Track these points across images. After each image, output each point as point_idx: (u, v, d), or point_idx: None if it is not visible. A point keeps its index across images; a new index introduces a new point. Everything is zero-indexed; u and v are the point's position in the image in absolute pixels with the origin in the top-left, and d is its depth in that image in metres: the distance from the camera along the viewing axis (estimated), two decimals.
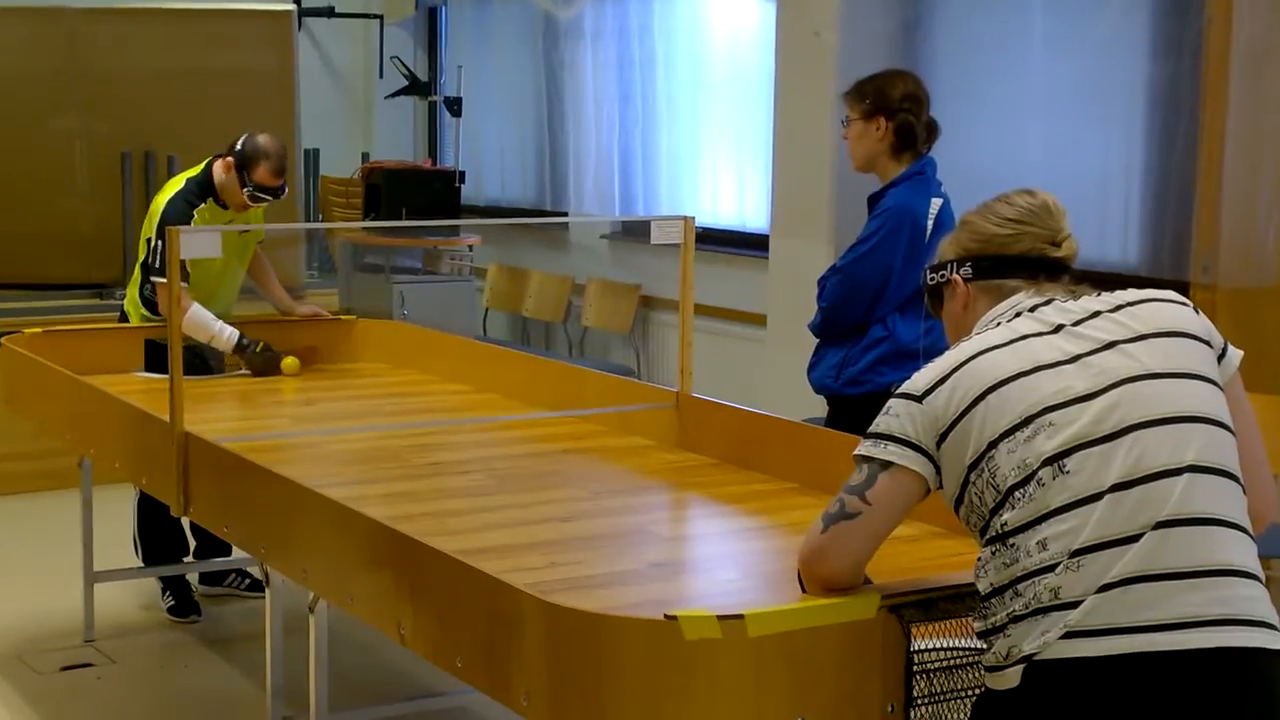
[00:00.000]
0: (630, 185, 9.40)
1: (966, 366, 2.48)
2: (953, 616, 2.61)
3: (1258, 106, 5.45)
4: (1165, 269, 6.13)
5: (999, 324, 2.56)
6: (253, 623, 5.65)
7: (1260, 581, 2.39)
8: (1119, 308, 2.51)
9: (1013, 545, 2.39)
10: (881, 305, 4.50)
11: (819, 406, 4.99)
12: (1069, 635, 2.31)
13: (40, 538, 6.64)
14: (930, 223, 4.47)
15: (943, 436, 2.47)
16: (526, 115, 10.29)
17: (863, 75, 4.66)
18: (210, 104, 8.08)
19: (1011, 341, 2.49)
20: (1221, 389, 2.48)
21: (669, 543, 3.62)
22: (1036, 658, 2.33)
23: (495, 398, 5.05)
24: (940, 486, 2.52)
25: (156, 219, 5.51)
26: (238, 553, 5.86)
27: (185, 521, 5.56)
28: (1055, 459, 2.37)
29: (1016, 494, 2.39)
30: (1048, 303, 2.55)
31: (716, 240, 8.25)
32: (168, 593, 5.80)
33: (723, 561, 3.46)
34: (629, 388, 4.78)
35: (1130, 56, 6.33)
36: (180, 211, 5.48)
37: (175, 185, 5.61)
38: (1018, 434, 2.40)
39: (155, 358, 5.28)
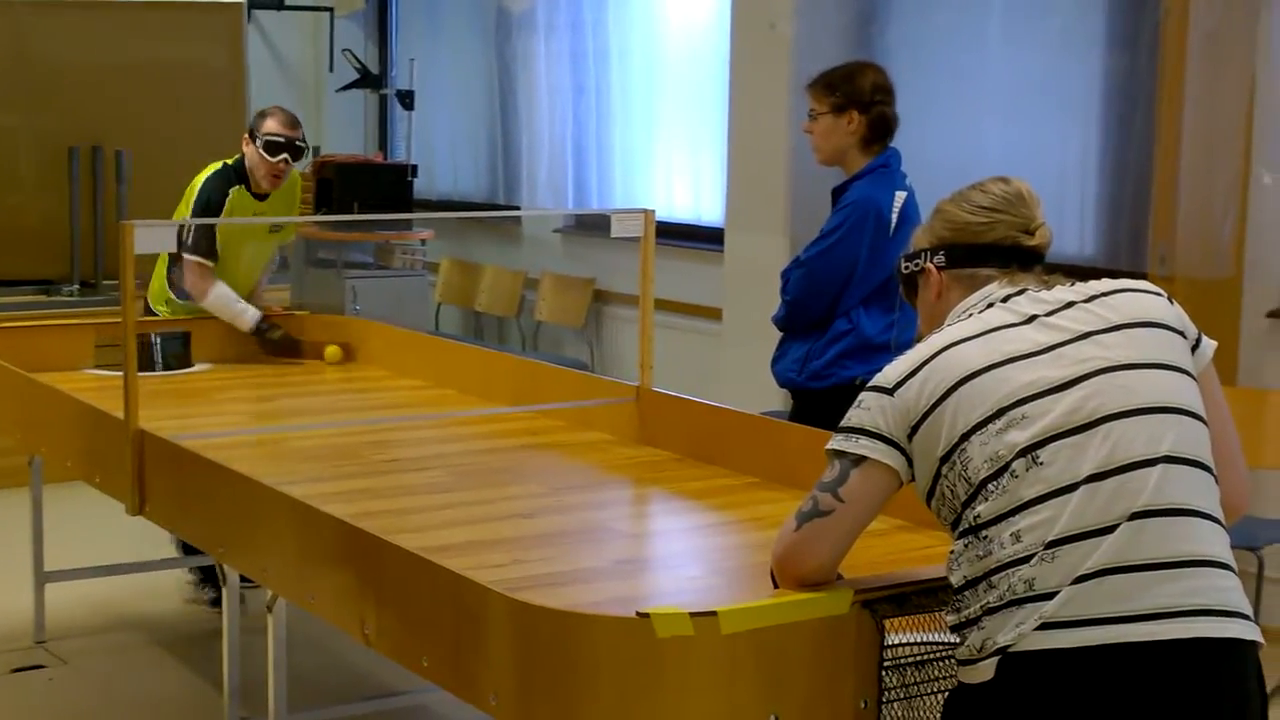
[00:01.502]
0: (584, 179, 9.36)
1: (937, 359, 2.46)
2: (926, 611, 2.59)
3: (1214, 99, 5.46)
4: (1122, 260, 6.14)
5: (970, 315, 2.54)
6: (206, 623, 5.59)
7: (1233, 572, 2.39)
8: (1093, 298, 2.49)
9: (986, 537, 2.37)
10: (846, 299, 4.48)
11: (776, 400, 4.98)
12: (1044, 626, 2.29)
13: None
14: (895, 215, 4.45)
15: (914, 429, 2.45)
16: (479, 108, 10.24)
17: (819, 68, 4.64)
18: (160, 98, 8.01)
19: (983, 333, 2.47)
20: (1195, 379, 2.47)
21: (632, 539, 3.59)
22: (1011, 649, 2.31)
23: (451, 393, 5.00)
24: (913, 479, 2.49)
25: (191, 198, 5.56)
26: None
27: None
28: (1028, 450, 2.35)
29: (989, 486, 2.37)
30: (1020, 293, 2.53)
31: (672, 234, 8.21)
32: (206, 585, 5.76)
33: (687, 558, 3.43)
34: (588, 382, 4.75)
35: (1087, 49, 6.34)
36: (216, 187, 5.54)
37: (213, 167, 5.64)
38: (989, 426, 2.39)
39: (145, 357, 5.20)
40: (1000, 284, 2.56)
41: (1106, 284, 2.53)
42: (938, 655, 2.62)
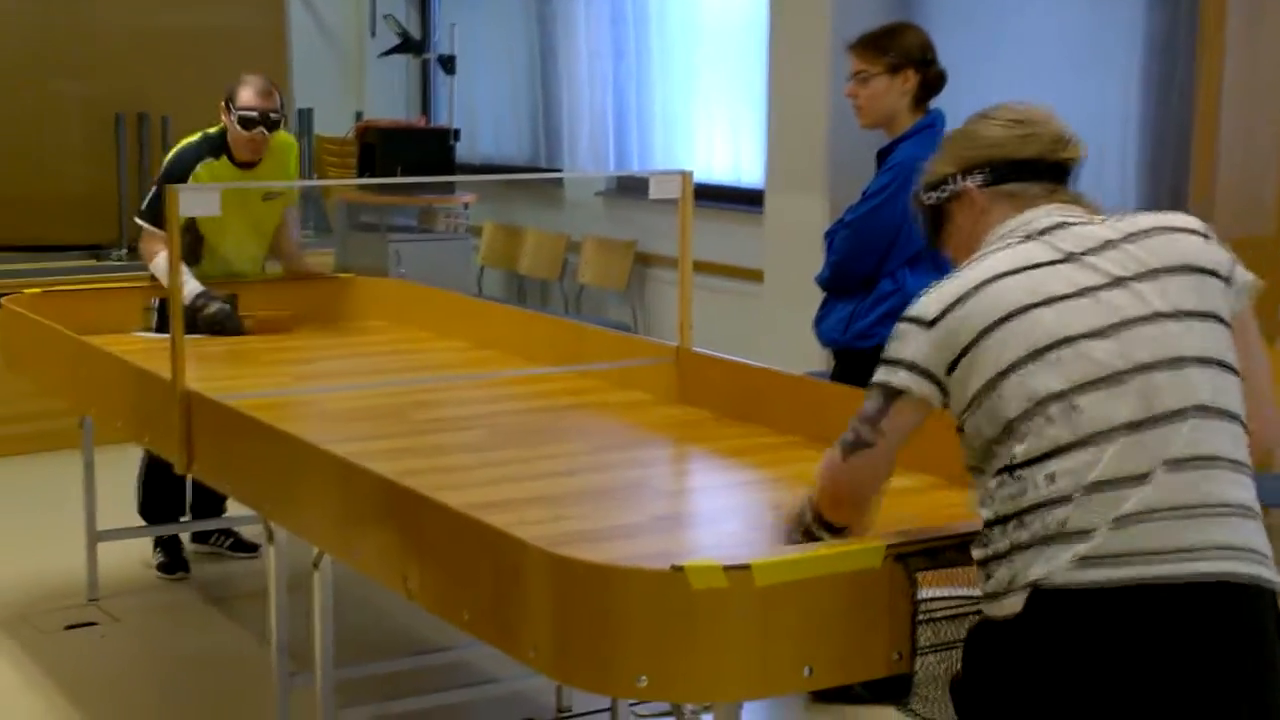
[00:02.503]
0: (625, 142, 9.38)
1: (978, 293, 2.47)
2: (958, 565, 2.62)
3: (1255, 54, 5.45)
4: None
5: (1009, 245, 2.53)
6: (254, 581, 5.67)
7: (1259, 521, 2.43)
8: (1131, 236, 2.49)
9: (1020, 477, 2.41)
10: (891, 259, 4.50)
11: (817, 360, 5.01)
12: (1078, 563, 2.34)
13: (42, 498, 6.65)
14: None
15: (953, 365, 2.48)
16: (520, 72, 10.26)
17: (859, 28, 4.65)
18: (203, 64, 8.07)
19: (1023, 269, 2.47)
20: (1229, 323, 2.48)
21: (672, 496, 3.63)
22: (1043, 584, 2.35)
23: (494, 354, 5.05)
24: (946, 407, 2.53)
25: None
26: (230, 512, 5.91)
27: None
28: (1065, 395, 2.38)
29: (1021, 427, 2.40)
30: (1060, 226, 2.52)
31: (712, 196, 8.24)
32: (159, 549, 5.82)
33: (726, 514, 3.47)
34: (628, 343, 4.79)
35: (1127, 5, 6.32)
36: (185, 161, 5.51)
37: (190, 139, 5.64)
38: (1027, 367, 2.41)
39: (161, 317, 5.28)
40: (1042, 209, 2.56)
41: (1146, 220, 2.53)
42: (971, 609, 2.65)
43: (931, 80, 4.52)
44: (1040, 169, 2.60)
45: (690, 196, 4.38)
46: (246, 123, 5.44)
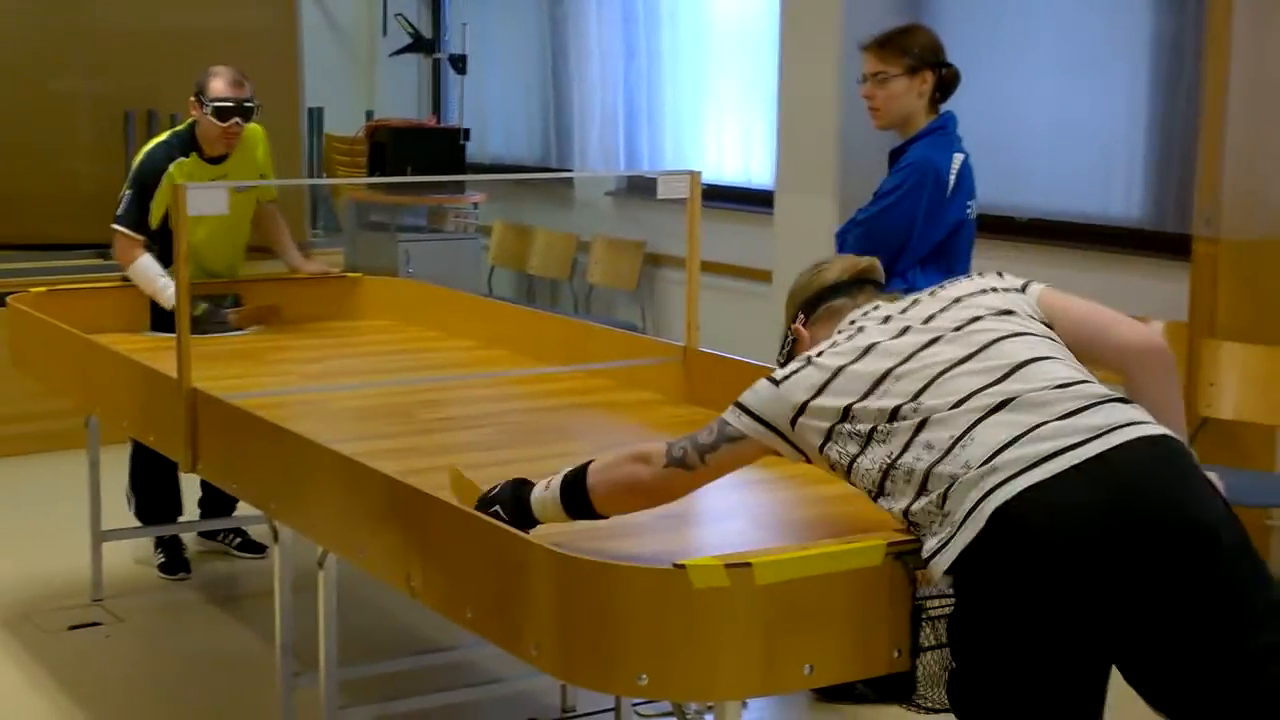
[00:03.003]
0: (635, 142, 9.39)
1: (814, 361, 2.80)
2: None
3: (1261, 57, 5.44)
4: (1168, 222, 6.13)
5: (843, 335, 2.85)
6: (258, 581, 5.68)
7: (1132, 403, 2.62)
8: (934, 292, 2.86)
9: (899, 466, 2.60)
10: (902, 259, 4.50)
11: None
12: (1007, 480, 2.47)
13: (47, 498, 6.66)
14: (953, 178, 4.47)
15: (794, 420, 2.76)
16: (531, 72, 10.27)
17: (870, 29, 4.65)
18: (213, 62, 8.04)
19: (851, 337, 2.81)
20: (1035, 317, 2.76)
21: None
22: (993, 504, 2.48)
23: (503, 353, 5.05)
24: (786, 450, 2.82)
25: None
26: (239, 512, 5.91)
27: (186, 480, 5.65)
28: (913, 398, 2.62)
29: (879, 430, 2.63)
30: (876, 308, 2.91)
31: (722, 196, 8.24)
32: (159, 549, 5.82)
33: (730, 513, 3.47)
34: (636, 343, 4.79)
35: (1134, 7, 6.32)
36: (156, 162, 5.48)
37: (159, 138, 5.61)
38: (869, 395, 2.67)
39: (160, 317, 5.28)
40: (856, 310, 2.93)
41: (953, 291, 2.86)
42: None
43: (948, 80, 4.53)
44: (840, 287, 3.02)
45: (698, 197, 4.38)
46: (222, 113, 5.39)
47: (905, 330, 2.76)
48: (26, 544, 6.15)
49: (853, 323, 2.88)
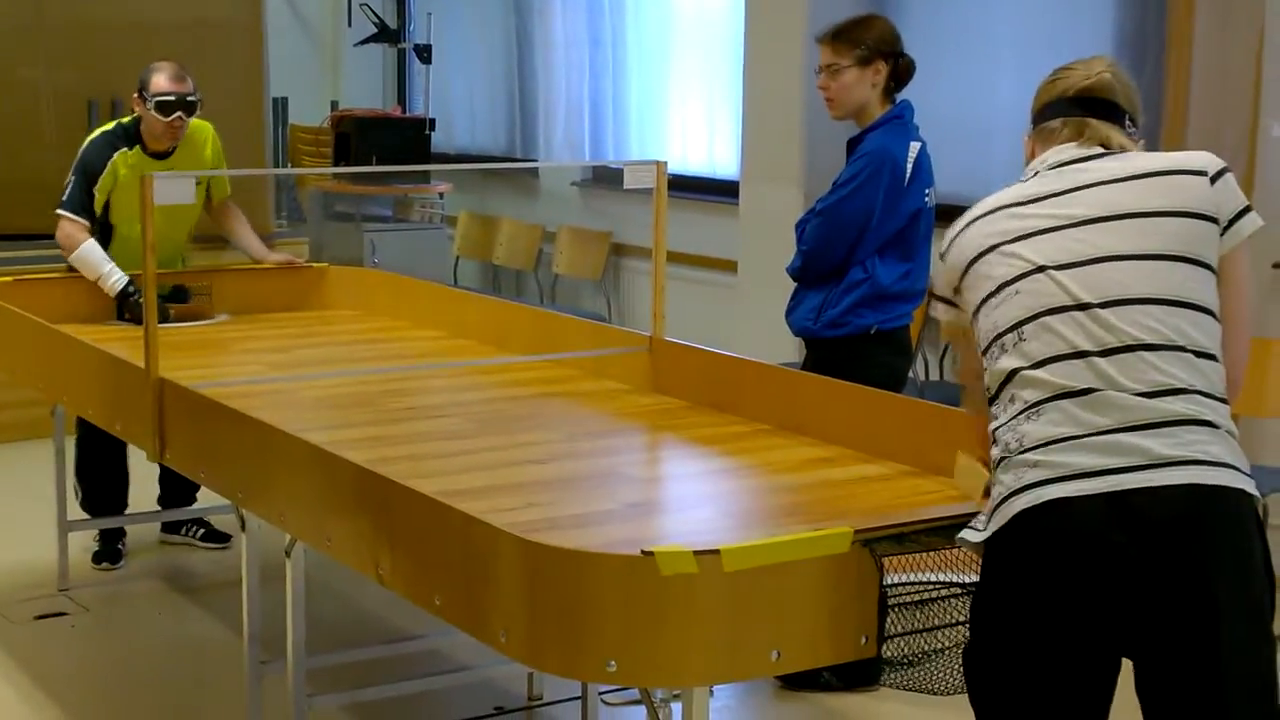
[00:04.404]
0: (600, 132, 9.40)
1: (960, 236, 2.74)
2: (925, 550, 2.65)
3: (1223, 52, 5.48)
4: None
5: (1023, 179, 2.75)
6: (224, 571, 5.68)
7: (1228, 433, 2.54)
8: (1130, 178, 2.63)
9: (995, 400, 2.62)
10: (861, 248, 4.53)
11: (792, 351, 5.03)
12: (1041, 484, 2.48)
13: (12, 487, 6.64)
14: (910, 166, 4.50)
15: (956, 288, 2.74)
16: (496, 62, 10.27)
17: (834, 20, 4.67)
18: (178, 53, 7.93)
19: (1004, 207, 2.69)
20: (1204, 265, 2.58)
21: (644, 483, 3.64)
22: (1019, 506, 2.50)
23: (469, 343, 5.06)
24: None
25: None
26: (199, 504, 5.92)
27: (137, 471, 5.65)
28: (1016, 326, 2.58)
29: (986, 359, 2.63)
30: (1064, 164, 2.70)
31: (687, 187, 8.26)
32: (97, 537, 5.82)
33: (698, 501, 3.49)
34: (602, 332, 4.80)
35: (1096, 4, 6.35)
36: (99, 150, 5.48)
37: (104, 128, 5.60)
38: (990, 301, 2.63)
39: (123, 306, 5.29)
40: (1062, 144, 2.74)
41: (1159, 161, 2.66)
42: (937, 595, 2.68)
43: (901, 71, 4.55)
44: (1059, 105, 2.78)
45: (664, 187, 4.39)
46: (164, 108, 5.37)
47: (1051, 230, 2.62)
48: None
49: (1036, 172, 2.74)
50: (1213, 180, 2.61)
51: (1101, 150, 2.71)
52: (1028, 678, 2.53)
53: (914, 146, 4.54)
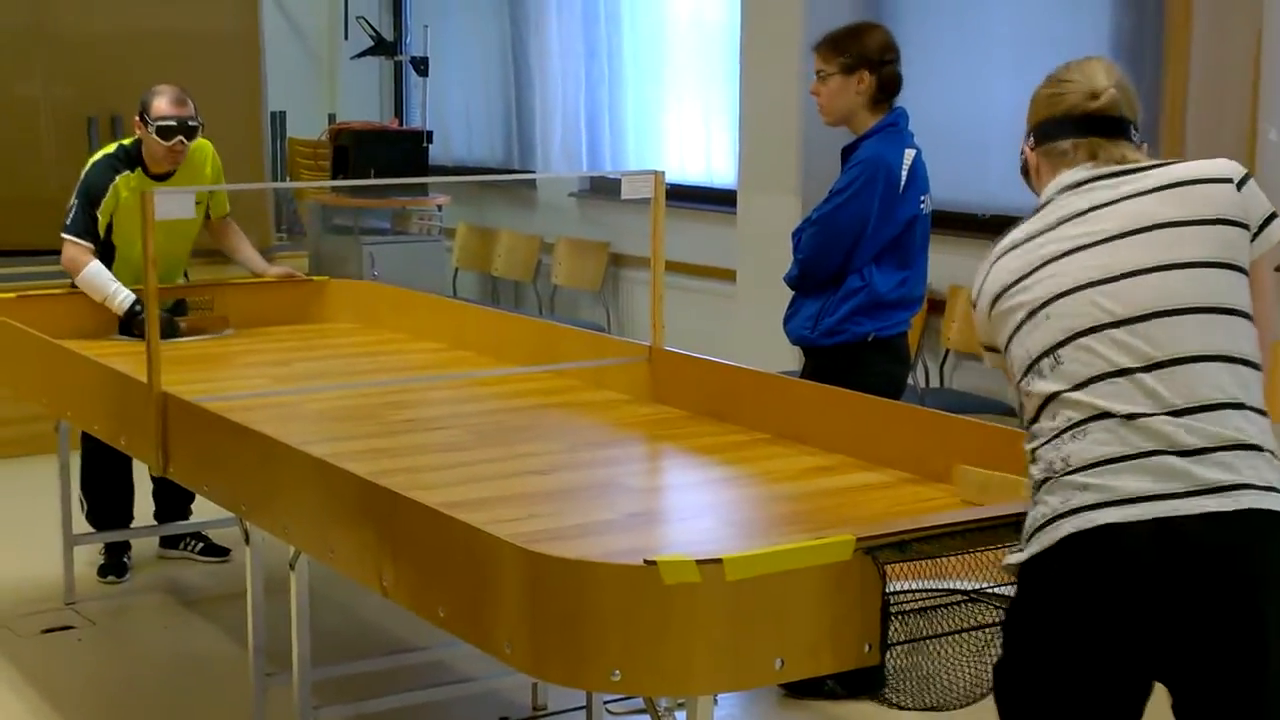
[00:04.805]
0: (597, 143, 9.41)
1: (986, 277, 2.69)
2: (927, 558, 2.66)
3: (1220, 56, 5.50)
4: None
5: (1034, 212, 2.70)
6: (227, 584, 5.70)
7: (1264, 451, 2.48)
8: (1158, 189, 2.59)
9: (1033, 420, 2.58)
10: (858, 256, 4.54)
11: (790, 360, 5.04)
12: (1086, 509, 2.45)
13: (17, 502, 6.65)
14: (904, 173, 4.51)
15: (991, 332, 2.69)
16: (493, 74, 10.28)
17: (830, 29, 4.69)
18: (176, 67, 8.04)
19: (1027, 240, 2.65)
20: (1233, 268, 2.55)
21: (645, 494, 3.66)
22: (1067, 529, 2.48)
23: (468, 355, 5.07)
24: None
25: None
26: (196, 517, 5.94)
27: (140, 485, 5.66)
28: (1051, 350, 2.53)
29: (1024, 383, 2.58)
30: (1089, 181, 2.65)
31: (685, 197, 8.27)
32: (104, 551, 5.84)
33: (699, 511, 3.51)
34: (601, 343, 4.82)
35: (1094, 6, 6.37)
36: (101, 174, 5.50)
37: (106, 150, 5.62)
38: (1023, 328, 2.59)
39: (126, 322, 5.31)
40: (1075, 166, 2.69)
41: (1181, 171, 2.62)
42: (941, 602, 2.69)
43: (886, 81, 4.55)
44: (1069, 126, 2.70)
45: (662, 197, 4.41)
46: (165, 132, 5.39)
47: (1076, 250, 2.58)
48: None
49: (1046, 203, 2.69)
50: (1239, 186, 2.59)
51: (1119, 168, 2.65)
52: (1062, 699, 2.51)
53: (909, 154, 4.56)
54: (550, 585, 2.60)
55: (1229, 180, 2.59)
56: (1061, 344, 2.52)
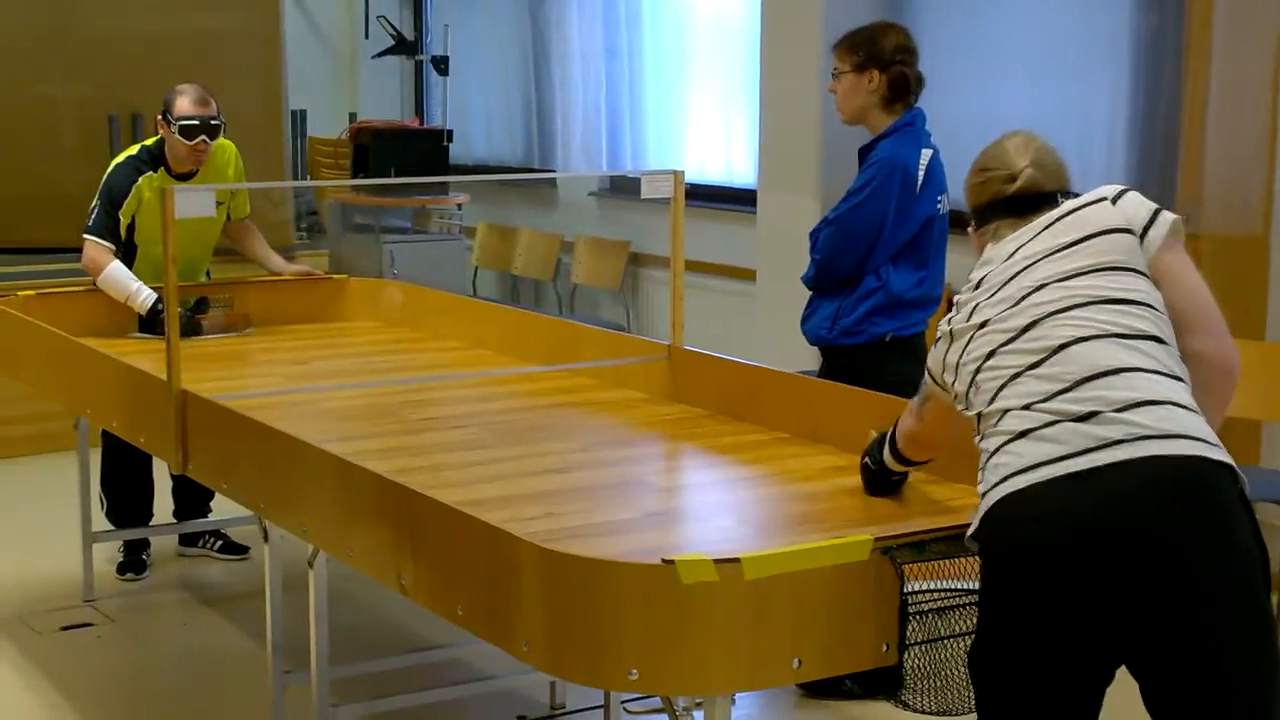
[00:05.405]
0: (618, 142, 9.41)
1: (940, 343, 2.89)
2: (944, 558, 2.66)
3: (1241, 55, 5.48)
4: None
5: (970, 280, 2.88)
6: (245, 582, 5.71)
7: (1187, 409, 2.57)
8: (1050, 225, 2.78)
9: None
10: (875, 256, 4.54)
11: (809, 359, 5.03)
12: (1004, 479, 2.57)
13: (38, 500, 6.67)
14: (921, 173, 4.51)
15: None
16: (513, 73, 10.29)
17: (850, 28, 4.69)
18: (196, 66, 8.07)
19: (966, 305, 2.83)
20: (1124, 268, 2.69)
21: (664, 493, 3.66)
22: (987, 504, 2.61)
23: (487, 353, 5.08)
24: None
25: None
26: (215, 515, 5.96)
27: (159, 483, 5.66)
28: (988, 357, 2.71)
29: (968, 394, 2.74)
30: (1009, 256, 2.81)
31: (704, 196, 8.27)
32: (123, 549, 5.86)
33: (717, 510, 3.50)
34: (621, 341, 4.82)
35: (1115, 6, 6.35)
36: (124, 175, 5.50)
37: (129, 151, 5.62)
38: (964, 356, 2.78)
39: (146, 319, 5.32)
40: (998, 245, 2.85)
41: (1065, 208, 2.80)
42: (958, 603, 2.69)
43: (895, 81, 4.54)
44: (997, 209, 2.89)
45: (682, 196, 4.41)
46: (188, 132, 5.39)
47: (992, 292, 2.78)
48: (18, 546, 6.16)
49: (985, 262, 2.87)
50: (1114, 201, 2.77)
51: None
52: (1016, 674, 2.57)
53: (925, 154, 4.56)
54: (568, 584, 2.60)
55: (1104, 199, 2.77)
56: (975, 373, 2.70)
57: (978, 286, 2.81)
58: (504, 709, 4.60)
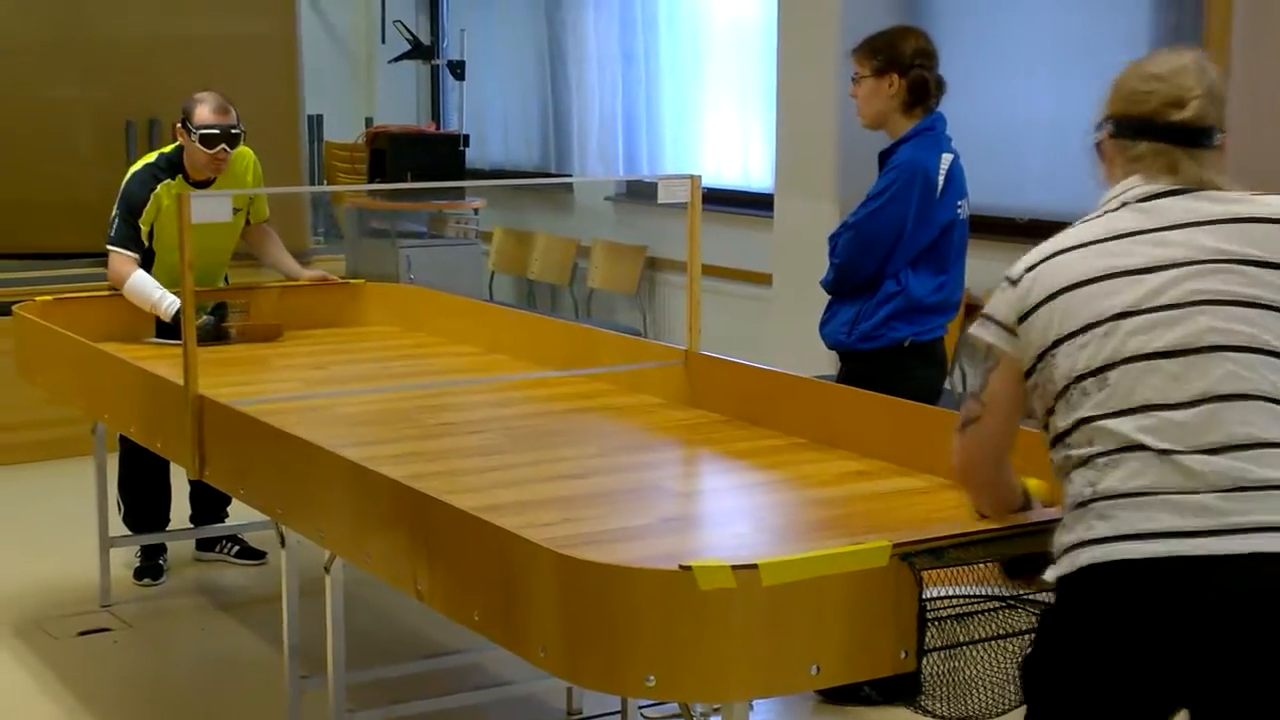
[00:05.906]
0: (634, 147, 9.41)
1: (1043, 265, 2.56)
2: (963, 564, 2.64)
3: (1261, 55, 5.45)
4: None
5: (1102, 213, 2.57)
6: (262, 587, 5.70)
7: None
8: (1232, 220, 2.48)
9: (1066, 444, 2.50)
10: (894, 260, 4.52)
11: (826, 364, 5.02)
12: (1110, 541, 2.39)
13: (55, 505, 6.67)
14: (941, 178, 4.49)
15: (1022, 319, 2.56)
16: (530, 78, 10.29)
17: (868, 32, 4.68)
18: (214, 71, 8.09)
19: (1093, 242, 2.53)
20: None
21: (681, 498, 3.64)
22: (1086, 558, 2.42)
23: (504, 358, 5.07)
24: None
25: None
26: (232, 520, 5.96)
27: (176, 488, 5.67)
28: (1099, 371, 2.45)
29: (1062, 398, 2.49)
30: (1164, 194, 2.53)
31: (721, 200, 8.27)
32: (140, 554, 5.86)
33: (734, 515, 3.49)
34: (637, 346, 4.81)
35: (1133, 7, 6.34)
36: (142, 184, 5.50)
37: (147, 159, 5.62)
38: (1076, 339, 2.49)
39: (164, 325, 5.32)
40: (1150, 173, 2.55)
41: (1254, 207, 2.52)
42: (978, 609, 2.68)
43: (915, 85, 4.53)
44: (1149, 130, 2.56)
45: (699, 201, 4.40)
46: (208, 140, 5.37)
47: (1159, 267, 2.46)
48: (36, 551, 6.16)
49: (1123, 204, 2.55)
50: None
51: (1194, 187, 2.53)
52: (1076, 702, 2.46)
53: (946, 158, 4.54)
54: (585, 590, 2.59)
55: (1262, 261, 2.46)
56: (1108, 367, 2.44)
57: (1124, 236, 2.49)
58: (520, 715, 4.60)
